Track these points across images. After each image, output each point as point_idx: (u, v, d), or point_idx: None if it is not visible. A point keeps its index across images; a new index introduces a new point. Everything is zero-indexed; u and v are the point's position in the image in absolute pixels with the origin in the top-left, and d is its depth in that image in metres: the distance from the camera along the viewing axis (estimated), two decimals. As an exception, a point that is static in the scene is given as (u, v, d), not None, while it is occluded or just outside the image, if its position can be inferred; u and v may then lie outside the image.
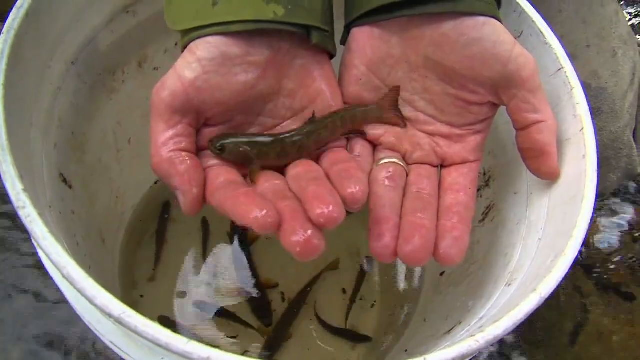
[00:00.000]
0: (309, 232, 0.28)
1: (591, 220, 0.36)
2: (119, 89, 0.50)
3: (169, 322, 0.58)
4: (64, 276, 0.28)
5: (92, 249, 0.48)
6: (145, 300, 0.58)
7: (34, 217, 0.29)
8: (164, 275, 0.60)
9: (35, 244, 0.31)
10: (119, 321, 0.28)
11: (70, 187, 0.44)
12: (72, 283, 0.28)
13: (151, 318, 0.27)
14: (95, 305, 0.28)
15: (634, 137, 0.53)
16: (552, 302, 0.73)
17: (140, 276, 0.60)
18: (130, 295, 0.58)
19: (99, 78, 0.46)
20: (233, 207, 0.30)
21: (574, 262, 0.34)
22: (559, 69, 0.41)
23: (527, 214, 0.43)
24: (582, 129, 0.39)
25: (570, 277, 0.75)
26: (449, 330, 0.42)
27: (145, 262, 0.61)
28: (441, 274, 0.55)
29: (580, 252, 0.36)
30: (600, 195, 0.57)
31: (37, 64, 0.37)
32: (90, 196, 0.49)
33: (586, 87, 0.50)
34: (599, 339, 0.72)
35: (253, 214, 0.28)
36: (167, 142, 0.33)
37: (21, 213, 0.29)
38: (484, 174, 0.51)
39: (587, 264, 0.76)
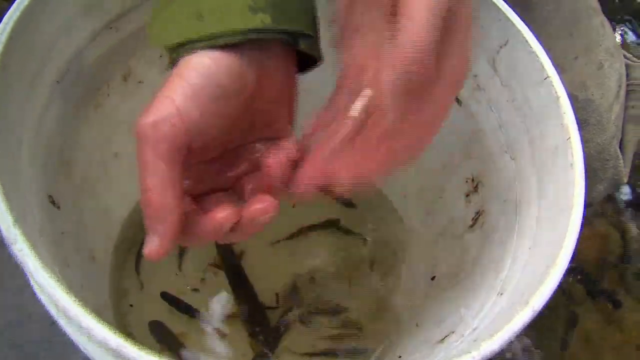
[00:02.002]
0: None
1: (581, 229, 0.37)
2: (104, 104, 0.49)
3: (160, 327, 0.58)
4: (59, 309, 0.28)
5: (83, 266, 0.47)
6: (135, 309, 0.58)
7: (26, 251, 0.28)
8: (154, 284, 0.60)
9: (29, 276, 0.30)
10: (117, 354, 0.27)
11: (58, 207, 0.43)
12: (68, 317, 0.28)
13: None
14: (93, 338, 0.28)
15: (620, 148, 0.54)
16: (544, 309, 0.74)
17: (130, 285, 0.60)
18: (121, 305, 0.58)
19: (84, 95, 0.46)
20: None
21: (565, 272, 0.35)
22: (545, 78, 0.42)
23: (516, 222, 0.44)
24: (569, 138, 0.39)
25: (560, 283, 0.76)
26: (442, 339, 0.43)
27: (135, 272, 0.60)
28: (432, 278, 0.56)
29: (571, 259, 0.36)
30: (587, 204, 0.59)
31: (23, 87, 0.37)
32: (78, 214, 0.48)
33: (573, 98, 0.51)
34: (589, 345, 0.73)
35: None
36: (169, 186, 0.29)
37: (13, 248, 0.29)
38: (472, 179, 0.52)
39: (577, 269, 0.78)
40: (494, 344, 0.31)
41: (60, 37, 0.40)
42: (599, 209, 0.83)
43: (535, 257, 0.39)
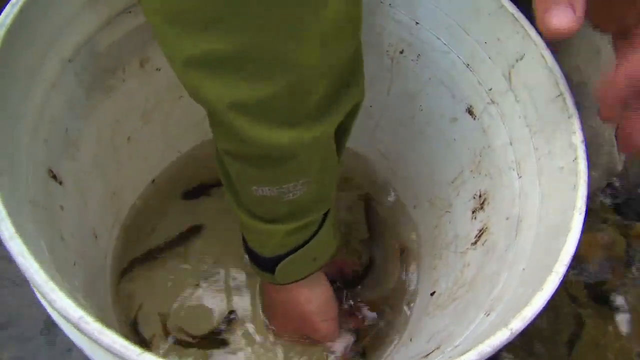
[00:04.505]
0: None
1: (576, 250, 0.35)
2: (118, 88, 0.50)
3: None
4: (27, 278, 0.28)
5: (81, 244, 0.48)
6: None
7: (2, 215, 0.29)
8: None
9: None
10: (77, 326, 0.28)
11: (60, 183, 0.44)
12: (34, 285, 0.28)
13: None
14: (55, 309, 0.28)
15: (616, 137, 0.51)
16: (547, 312, 0.73)
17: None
18: (124, 289, 0.59)
19: (97, 77, 0.46)
20: None
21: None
22: (558, 95, 0.40)
23: (516, 241, 0.42)
24: (576, 158, 0.38)
25: (565, 287, 0.74)
26: (427, 355, 0.41)
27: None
28: (432, 294, 0.54)
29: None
30: None
31: (29, 62, 0.38)
32: (83, 193, 0.49)
33: (568, 81, 0.49)
34: (595, 349, 0.71)
35: None
36: None
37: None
38: (480, 196, 0.50)
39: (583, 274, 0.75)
40: (464, 362, 0.30)
41: (73, 18, 0.41)
42: (604, 213, 0.81)
43: (527, 279, 0.37)
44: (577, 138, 0.38)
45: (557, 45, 0.49)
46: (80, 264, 0.46)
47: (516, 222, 0.43)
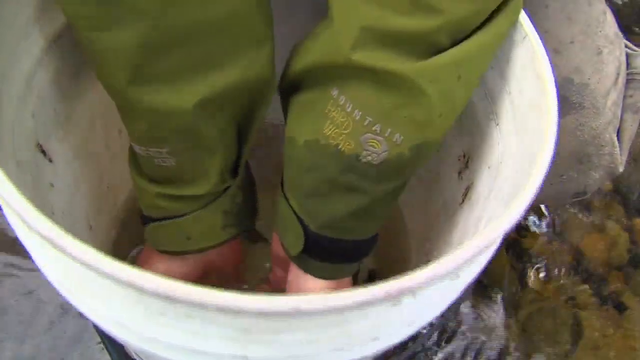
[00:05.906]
0: None
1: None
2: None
3: None
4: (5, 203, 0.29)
5: (73, 227, 0.49)
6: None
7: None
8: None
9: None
10: (52, 242, 0.28)
11: (50, 160, 0.45)
12: (9, 206, 0.29)
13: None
14: (27, 224, 0.28)
15: (617, 137, 0.52)
16: (549, 313, 0.71)
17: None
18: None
19: (83, 62, 0.48)
20: None
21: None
22: (524, 37, 0.41)
23: (495, 184, 0.42)
24: (543, 90, 0.39)
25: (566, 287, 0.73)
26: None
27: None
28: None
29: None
30: (582, 193, 0.56)
31: (10, 38, 0.40)
32: (75, 178, 0.50)
33: (568, 82, 0.50)
34: (596, 350, 0.69)
35: None
36: None
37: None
38: (464, 156, 0.51)
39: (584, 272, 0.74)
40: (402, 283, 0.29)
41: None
42: (607, 211, 0.80)
43: (499, 214, 0.37)
44: (543, 70, 0.39)
45: (558, 45, 0.51)
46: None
47: (496, 167, 0.43)
